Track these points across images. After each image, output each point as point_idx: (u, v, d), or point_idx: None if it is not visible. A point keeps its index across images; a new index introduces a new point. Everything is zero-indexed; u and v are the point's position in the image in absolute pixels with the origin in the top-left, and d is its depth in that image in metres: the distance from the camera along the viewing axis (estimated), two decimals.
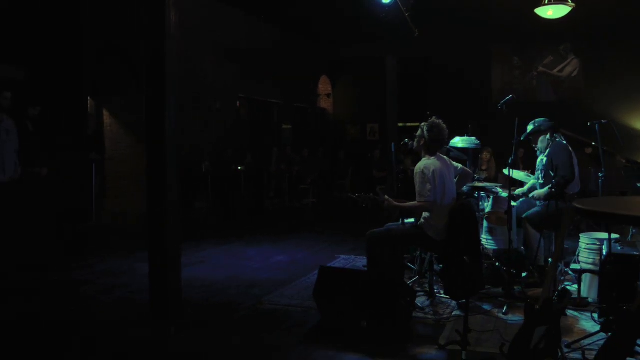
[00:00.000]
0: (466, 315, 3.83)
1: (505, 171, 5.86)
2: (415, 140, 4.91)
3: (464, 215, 4.66)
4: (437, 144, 4.84)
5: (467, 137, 6.36)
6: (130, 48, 11.72)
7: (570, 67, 14.28)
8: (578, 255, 5.22)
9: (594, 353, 3.70)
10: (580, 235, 5.31)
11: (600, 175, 6.40)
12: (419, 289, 5.32)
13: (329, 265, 6.49)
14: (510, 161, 5.38)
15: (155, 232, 4.27)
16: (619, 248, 4.54)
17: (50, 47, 10.33)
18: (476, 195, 5.89)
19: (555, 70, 14.41)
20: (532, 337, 3.40)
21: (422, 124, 4.87)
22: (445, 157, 5.03)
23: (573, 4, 9.58)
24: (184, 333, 4.33)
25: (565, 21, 12.02)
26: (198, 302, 5.25)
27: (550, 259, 5.70)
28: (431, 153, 4.87)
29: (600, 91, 13.61)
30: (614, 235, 5.17)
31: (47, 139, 9.71)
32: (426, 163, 4.78)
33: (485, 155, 9.87)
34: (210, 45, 13.59)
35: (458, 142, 6.38)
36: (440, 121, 4.88)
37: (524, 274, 5.42)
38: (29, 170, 7.01)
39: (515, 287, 5.36)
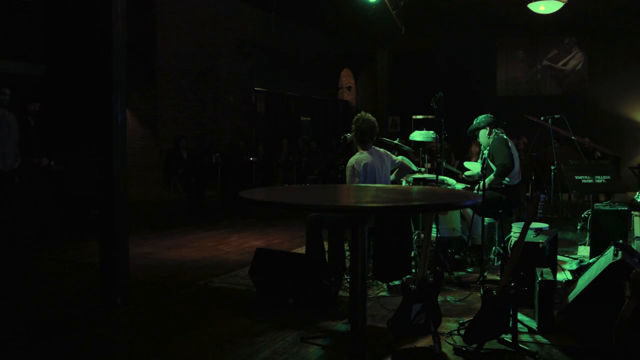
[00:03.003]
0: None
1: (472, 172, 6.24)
2: (350, 134, 5.34)
3: None
4: (366, 136, 5.24)
5: (425, 131, 6.70)
6: (144, 42, 12.41)
7: (574, 61, 14.37)
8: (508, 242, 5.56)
9: None
10: (512, 224, 5.64)
11: (552, 168, 6.69)
12: None
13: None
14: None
15: (105, 214, 4.82)
16: (533, 236, 4.86)
17: (70, 44, 11.06)
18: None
19: (560, 63, 14.51)
20: (411, 313, 3.81)
21: (353, 121, 5.29)
22: (381, 149, 5.42)
23: (565, 0, 9.75)
24: (132, 304, 4.89)
25: (570, 14, 12.12)
26: (158, 279, 5.82)
27: (494, 247, 6.06)
28: (364, 146, 5.27)
29: (604, 85, 13.60)
30: (545, 225, 5.51)
31: (59, 132, 10.49)
32: (358, 157, 5.20)
33: (474, 148, 10.15)
34: (225, 40, 14.15)
35: (416, 135, 6.74)
36: (369, 115, 5.28)
37: (456, 257, 5.78)
38: (29, 160, 7.68)
39: (455, 273, 5.74)
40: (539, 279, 4.02)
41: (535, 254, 4.53)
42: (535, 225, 5.38)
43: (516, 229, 5.42)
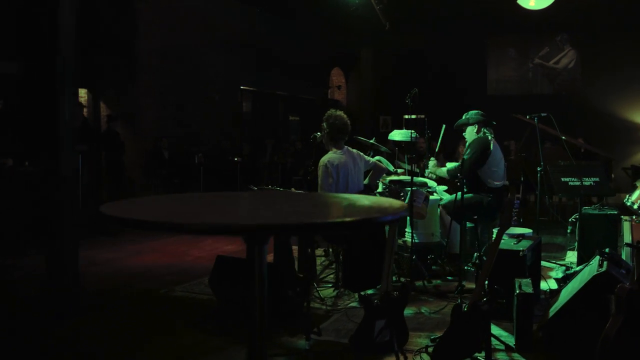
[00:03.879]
0: (307, 305, 3.86)
1: (432, 163, 5.88)
2: (320, 133, 4.99)
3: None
4: (339, 135, 4.90)
5: (405, 130, 6.36)
6: (123, 39, 12.03)
7: (566, 59, 14.06)
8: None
9: None
10: (494, 230, 5.28)
11: (539, 169, 6.34)
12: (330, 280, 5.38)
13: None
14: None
15: (54, 218, 4.46)
16: (514, 243, 4.51)
17: (40, 41, 10.67)
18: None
19: (551, 61, 14.21)
20: (374, 330, 3.45)
21: (323, 118, 4.94)
22: (354, 150, 5.07)
23: None
24: (82, 316, 4.52)
25: (562, 11, 11.80)
26: (118, 287, 5.46)
27: (476, 253, 5.70)
28: (336, 145, 4.93)
29: (597, 83, 13.26)
30: (527, 231, 5.16)
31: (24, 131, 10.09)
32: (330, 157, 4.85)
33: (462, 148, 9.81)
34: (210, 38, 13.78)
35: (395, 135, 6.39)
36: (341, 112, 4.94)
37: (434, 267, 5.43)
38: None
39: (434, 281, 5.40)
40: (517, 291, 3.66)
41: (515, 263, 4.17)
42: (516, 230, 5.04)
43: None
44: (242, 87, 15.32)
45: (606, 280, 3.37)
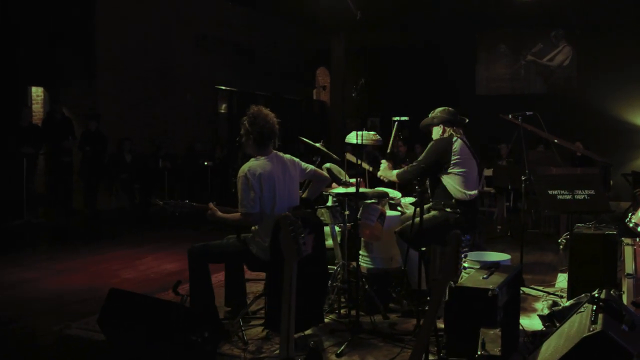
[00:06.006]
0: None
1: (383, 165, 4.93)
2: (242, 137, 4.01)
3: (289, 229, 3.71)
4: (266, 138, 3.92)
5: (365, 132, 5.34)
6: (82, 38, 11.12)
7: (561, 56, 13.37)
8: None
9: None
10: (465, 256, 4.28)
11: (523, 178, 5.38)
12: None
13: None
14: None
15: None
16: (482, 277, 3.52)
17: None
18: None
19: (545, 58, 13.52)
20: None
21: (244, 118, 3.97)
22: (286, 155, 4.09)
23: None
24: None
25: (558, 4, 10.90)
26: (4, 321, 4.48)
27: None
28: (263, 151, 3.95)
29: (595, 82, 12.55)
30: (504, 257, 4.19)
31: None
32: (251, 165, 3.88)
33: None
34: (184, 34, 12.87)
35: (353, 137, 5.38)
36: (267, 110, 3.97)
37: (394, 295, 4.45)
38: None
39: (391, 316, 4.42)
40: (479, 352, 2.67)
41: (482, 306, 3.17)
42: (490, 256, 4.05)
43: (471, 262, 4.05)
44: (217, 87, 14.42)
45: (601, 344, 2.38)
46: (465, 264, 3.96)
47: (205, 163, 12.63)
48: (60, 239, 8.65)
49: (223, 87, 14.60)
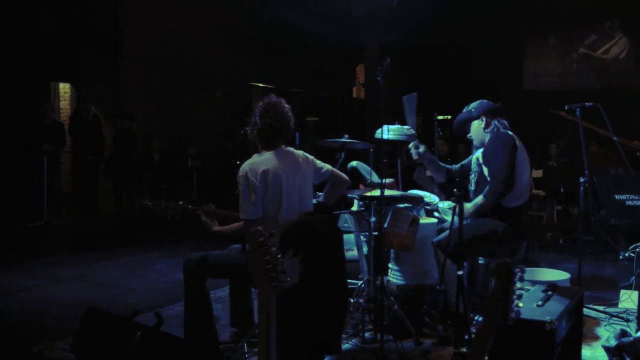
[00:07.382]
0: None
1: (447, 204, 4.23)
2: (249, 129, 3.40)
3: (301, 240, 3.08)
4: (276, 134, 3.30)
5: (399, 126, 4.68)
6: (108, 28, 10.82)
7: (617, 48, 12.85)
8: None
9: None
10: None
11: (581, 180, 4.63)
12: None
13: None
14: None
15: None
16: (536, 304, 2.83)
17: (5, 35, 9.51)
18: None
19: (600, 51, 12.99)
20: None
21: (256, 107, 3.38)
22: (299, 151, 3.47)
23: None
24: None
25: None
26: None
27: None
28: (269, 146, 3.33)
29: None
30: (563, 276, 3.46)
31: None
32: (253, 162, 3.28)
33: (462, 146, 8.23)
34: (211, 27, 12.46)
35: (383, 131, 4.72)
36: (281, 100, 3.36)
37: (427, 320, 3.77)
38: None
39: (424, 342, 3.75)
40: None
41: (536, 341, 2.50)
42: (544, 274, 3.34)
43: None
44: (252, 84, 13.99)
45: None
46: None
47: (238, 162, 12.17)
48: (75, 241, 8.25)
49: (257, 84, 14.17)
